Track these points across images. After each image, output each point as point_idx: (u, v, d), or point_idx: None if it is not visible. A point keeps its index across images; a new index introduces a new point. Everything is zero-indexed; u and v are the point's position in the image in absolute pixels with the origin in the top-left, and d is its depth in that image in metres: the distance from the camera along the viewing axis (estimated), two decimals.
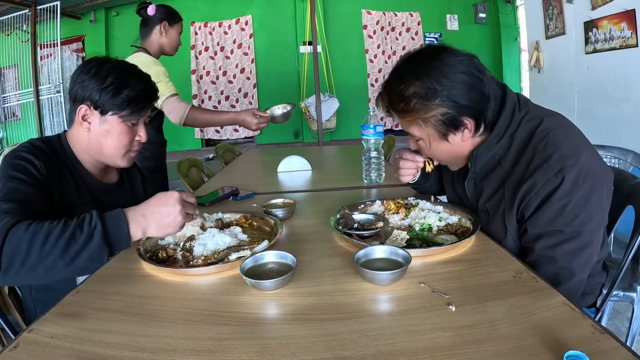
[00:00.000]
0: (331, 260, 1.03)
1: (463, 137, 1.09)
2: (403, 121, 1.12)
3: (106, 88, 1.18)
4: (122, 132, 1.25)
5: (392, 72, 1.12)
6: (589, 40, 4.29)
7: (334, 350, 0.67)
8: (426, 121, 1.06)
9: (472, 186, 1.23)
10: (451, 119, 1.04)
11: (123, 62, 1.28)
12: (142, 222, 0.96)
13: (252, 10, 7.10)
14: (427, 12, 7.34)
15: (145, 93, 1.26)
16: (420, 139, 1.15)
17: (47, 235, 0.89)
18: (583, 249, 1.01)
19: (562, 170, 0.96)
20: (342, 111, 6.66)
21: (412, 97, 1.04)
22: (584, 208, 0.97)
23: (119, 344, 0.72)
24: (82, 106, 1.21)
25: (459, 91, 1.02)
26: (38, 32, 6.04)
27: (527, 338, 0.67)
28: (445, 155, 1.18)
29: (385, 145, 2.98)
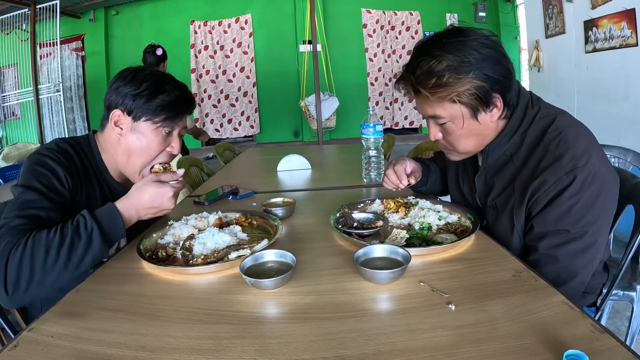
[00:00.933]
0: (331, 259, 1.03)
1: (492, 117, 1.07)
2: (433, 99, 1.05)
3: (141, 93, 1.16)
4: (154, 139, 1.21)
5: (415, 52, 1.09)
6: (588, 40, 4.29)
7: (334, 349, 0.67)
8: (460, 96, 1.02)
9: (482, 182, 1.22)
10: (484, 93, 1.02)
11: (161, 72, 1.25)
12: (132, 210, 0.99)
13: (252, 9, 7.09)
14: (427, 11, 7.34)
15: (180, 100, 1.22)
16: (448, 121, 1.09)
17: (47, 249, 0.90)
18: (586, 250, 1.01)
19: (574, 170, 0.96)
20: (342, 110, 6.66)
21: (444, 70, 1.01)
22: (590, 209, 0.97)
23: (119, 343, 0.72)
24: (115, 111, 1.18)
25: (489, 65, 1.00)
26: (37, 31, 6.04)
27: (526, 337, 0.67)
28: (472, 137, 1.11)
29: (385, 144, 2.98)
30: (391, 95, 7.51)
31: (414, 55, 1.08)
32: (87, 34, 7.07)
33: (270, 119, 7.40)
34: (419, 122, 7.62)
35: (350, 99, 6.97)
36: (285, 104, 7.20)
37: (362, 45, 7.30)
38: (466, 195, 1.33)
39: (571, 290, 1.03)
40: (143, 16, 7.08)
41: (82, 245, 0.92)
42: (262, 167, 2.70)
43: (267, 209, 1.37)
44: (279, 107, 7.29)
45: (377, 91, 7.42)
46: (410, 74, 1.07)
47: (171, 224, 1.24)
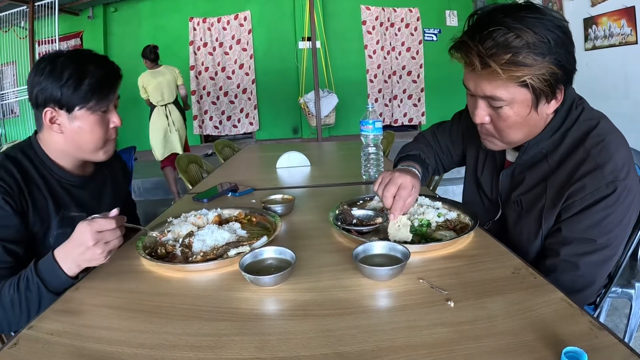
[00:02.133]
0: (330, 256, 1.03)
1: (549, 109, 0.99)
2: (502, 77, 0.92)
3: (65, 83, 1.11)
4: (95, 123, 1.18)
5: (484, 19, 0.95)
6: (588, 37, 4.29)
7: (333, 345, 0.67)
8: (533, 79, 0.91)
9: (509, 177, 1.17)
10: (555, 81, 0.93)
11: (76, 52, 1.19)
12: (71, 259, 0.94)
13: (251, 6, 7.08)
14: (426, 8, 7.33)
15: (107, 76, 1.18)
16: (506, 105, 0.97)
17: (11, 305, 0.96)
18: (606, 262, 1.01)
19: (615, 182, 0.93)
20: (341, 107, 6.65)
21: (523, 48, 0.89)
22: (619, 223, 0.96)
23: (118, 340, 0.72)
24: (46, 109, 1.14)
25: (564, 51, 0.91)
26: (36, 28, 6.02)
27: (525, 334, 0.67)
28: (524, 127, 1.02)
29: (384, 141, 2.98)
30: (390, 92, 7.50)
31: (483, 23, 0.93)
32: (86, 31, 7.05)
33: (270, 116, 7.40)
34: (418, 119, 7.62)
35: (350, 95, 6.96)
36: (285, 101, 7.20)
37: (362, 42, 7.29)
38: (483, 186, 1.28)
39: (583, 299, 1.03)
40: (142, 13, 7.06)
41: (35, 299, 0.95)
42: (261, 164, 2.70)
43: (266, 206, 1.36)
44: (278, 104, 7.28)
45: (376, 88, 7.41)
46: (478, 43, 0.92)
47: (170, 222, 1.24)
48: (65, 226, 1.21)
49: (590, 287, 1.02)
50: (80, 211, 1.26)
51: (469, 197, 1.36)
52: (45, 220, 1.18)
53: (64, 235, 1.19)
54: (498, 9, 0.95)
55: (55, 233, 1.19)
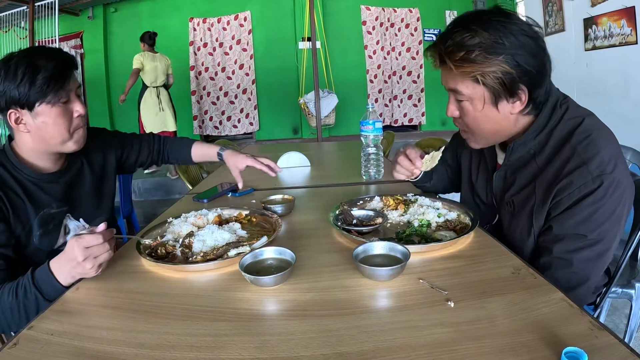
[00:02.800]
0: (330, 256, 1.03)
1: (512, 109, 1.03)
2: (456, 73, 1.02)
3: (21, 82, 1.11)
4: (58, 115, 1.18)
5: (453, 23, 1.04)
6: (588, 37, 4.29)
7: (333, 346, 0.67)
8: (485, 76, 0.98)
9: (501, 178, 1.19)
10: (510, 81, 0.98)
11: (27, 50, 1.18)
12: (64, 274, 0.95)
13: (251, 6, 7.08)
14: (426, 8, 7.33)
15: (59, 67, 1.17)
16: (466, 100, 1.06)
17: (10, 310, 0.98)
18: (600, 257, 1.00)
19: (601, 177, 0.95)
20: (341, 107, 6.65)
21: (475, 46, 0.97)
22: (609, 218, 0.97)
23: (118, 340, 0.72)
24: (10, 112, 1.15)
25: (524, 54, 0.96)
26: (36, 28, 6.02)
27: (525, 334, 0.67)
28: (488, 124, 1.08)
29: (384, 141, 2.98)
30: (390, 92, 7.50)
31: (451, 25, 1.04)
32: (86, 31, 7.06)
33: (270, 116, 7.40)
34: (418, 120, 7.63)
35: (350, 96, 6.96)
36: (285, 101, 7.20)
37: (362, 42, 7.29)
38: (478, 190, 1.30)
39: (579, 296, 1.02)
40: (142, 13, 7.06)
41: (33, 306, 0.97)
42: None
43: (266, 206, 1.36)
44: (278, 104, 7.28)
45: (376, 88, 7.41)
46: (441, 42, 1.03)
47: (170, 222, 1.24)
48: (47, 224, 1.22)
49: (585, 284, 1.02)
50: (60, 205, 1.27)
51: (466, 203, 1.37)
52: (25, 223, 1.19)
53: (47, 234, 1.20)
54: (470, 13, 1.04)
55: (38, 233, 1.20)
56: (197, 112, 7.18)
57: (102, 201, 1.45)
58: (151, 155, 1.69)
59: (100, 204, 1.44)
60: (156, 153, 1.71)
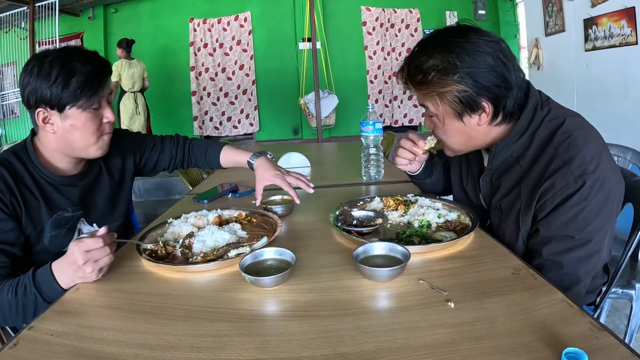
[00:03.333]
0: (330, 256, 1.03)
1: (479, 121, 1.06)
2: (419, 94, 1.10)
3: (54, 83, 1.09)
4: (87, 120, 1.16)
5: (416, 45, 1.09)
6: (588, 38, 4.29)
7: (333, 346, 0.67)
8: (442, 96, 1.03)
9: (488, 183, 1.20)
10: (468, 98, 1.02)
11: (63, 50, 1.16)
12: (65, 278, 0.95)
13: (251, 6, 7.08)
14: (427, 9, 7.33)
15: (95, 72, 1.15)
16: (434, 116, 1.12)
17: (9, 307, 0.98)
18: (590, 257, 1.00)
19: (583, 176, 0.95)
20: (341, 108, 6.65)
21: (430, 69, 1.02)
22: (596, 216, 0.97)
23: (118, 341, 0.72)
24: (38, 110, 1.13)
25: (481, 71, 0.99)
26: (36, 29, 6.02)
27: (525, 335, 0.67)
28: (457, 136, 1.12)
29: (385, 142, 2.98)
30: (390, 93, 7.50)
31: (413, 48, 1.09)
32: (86, 32, 7.05)
33: (270, 117, 7.40)
34: (418, 120, 7.62)
35: (350, 96, 6.96)
36: (285, 102, 7.20)
37: (362, 42, 7.29)
38: (470, 195, 1.31)
39: (573, 296, 1.02)
40: (142, 14, 7.07)
41: (31, 306, 0.97)
42: None
43: (267, 207, 1.36)
44: (279, 104, 7.28)
45: (376, 89, 7.41)
46: (405, 65, 1.09)
47: (170, 222, 1.24)
48: (60, 227, 1.22)
49: (577, 285, 1.02)
50: (75, 210, 1.26)
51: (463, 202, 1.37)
52: (37, 223, 1.18)
53: (59, 237, 1.20)
54: (430, 35, 1.09)
55: (50, 235, 1.20)
56: (197, 113, 7.18)
57: (117, 206, 1.43)
58: (174, 160, 1.62)
59: (115, 208, 1.42)
60: (179, 157, 1.63)
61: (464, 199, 1.35)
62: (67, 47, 1.19)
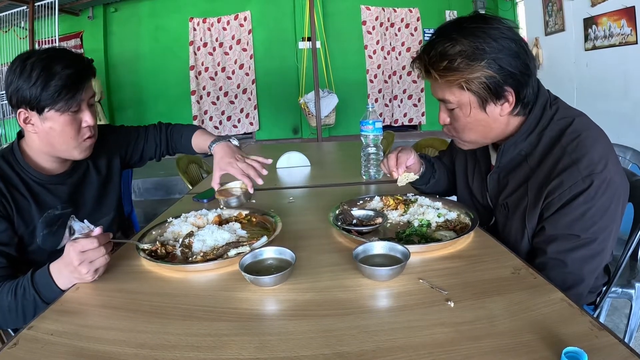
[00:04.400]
0: (330, 256, 1.03)
1: (502, 111, 1.05)
2: (442, 82, 1.04)
3: (34, 85, 1.09)
4: (65, 124, 1.16)
5: (434, 33, 1.06)
6: (588, 37, 4.29)
7: (333, 346, 0.67)
8: (469, 82, 1.00)
9: (495, 180, 1.20)
10: (495, 84, 1.00)
11: (48, 50, 1.15)
12: (62, 279, 0.95)
13: (251, 6, 7.08)
14: (426, 8, 7.33)
15: (75, 76, 1.14)
16: (456, 107, 1.08)
17: (8, 309, 0.99)
18: (594, 257, 1.00)
19: (591, 176, 0.95)
20: (341, 107, 6.66)
21: (457, 55, 0.99)
22: (602, 217, 0.97)
23: (118, 340, 0.72)
24: (20, 110, 1.14)
25: (506, 57, 0.98)
26: (36, 28, 6.02)
27: (525, 334, 0.67)
28: (477, 127, 1.10)
29: (384, 141, 2.98)
30: (390, 92, 7.50)
31: (433, 36, 1.06)
32: (86, 31, 7.05)
33: (270, 116, 7.40)
34: (418, 120, 7.63)
35: (350, 96, 6.96)
36: (285, 101, 7.20)
37: (362, 42, 7.29)
38: (475, 192, 1.31)
39: (576, 296, 1.02)
40: (142, 13, 7.06)
41: (31, 307, 0.97)
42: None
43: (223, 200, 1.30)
44: (278, 104, 7.28)
45: (376, 88, 7.41)
46: (425, 54, 1.05)
47: (170, 222, 1.24)
48: (51, 225, 1.23)
49: (580, 284, 1.02)
50: (65, 207, 1.27)
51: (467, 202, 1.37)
52: (29, 223, 1.19)
53: (51, 235, 1.21)
54: (450, 22, 1.05)
55: (42, 234, 1.20)
56: (197, 112, 7.18)
57: (107, 201, 1.43)
58: (159, 147, 1.61)
59: (105, 203, 1.42)
60: (164, 144, 1.61)
61: (469, 198, 1.35)
62: (53, 48, 1.18)
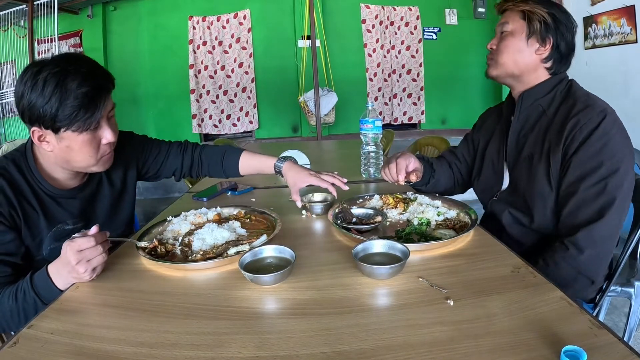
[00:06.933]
0: (330, 254, 1.03)
1: (537, 51, 1.24)
2: (513, 11, 1.28)
3: (48, 103, 1.00)
4: (84, 143, 1.08)
5: None
6: (588, 36, 4.28)
7: (333, 344, 0.68)
8: (532, 14, 1.23)
9: (515, 139, 1.32)
10: (546, 26, 1.22)
11: (60, 63, 1.04)
12: (61, 279, 0.95)
13: (251, 4, 7.06)
14: (426, 7, 7.31)
15: (92, 93, 1.04)
16: (509, 33, 1.27)
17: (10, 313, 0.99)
18: (622, 184, 1.08)
19: (603, 112, 1.11)
20: (341, 106, 6.64)
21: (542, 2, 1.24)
22: (619, 149, 1.09)
23: (118, 339, 0.72)
24: (33, 129, 1.06)
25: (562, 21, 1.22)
26: (35, 27, 6.00)
27: (525, 333, 0.67)
28: (514, 52, 1.26)
29: (384, 139, 2.98)
30: (390, 91, 7.49)
31: None
32: (85, 30, 7.03)
33: (269, 115, 7.39)
34: (418, 118, 7.61)
35: (349, 94, 6.94)
36: (284, 100, 7.18)
37: (361, 40, 7.27)
38: (492, 157, 1.42)
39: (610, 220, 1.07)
40: (141, 12, 7.04)
41: (32, 308, 0.97)
42: None
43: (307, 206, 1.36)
44: (278, 102, 7.26)
45: (376, 87, 7.39)
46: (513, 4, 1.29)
47: (170, 220, 1.24)
48: (60, 240, 1.15)
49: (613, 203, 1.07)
50: (75, 222, 1.23)
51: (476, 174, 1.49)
52: (36, 235, 1.15)
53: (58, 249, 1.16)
54: None
55: (50, 248, 1.17)
56: (196, 111, 7.16)
57: (119, 214, 1.39)
58: (180, 168, 1.51)
59: (117, 217, 1.38)
60: (187, 164, 1.52)
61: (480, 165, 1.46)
62: (65, 58, 1.07)
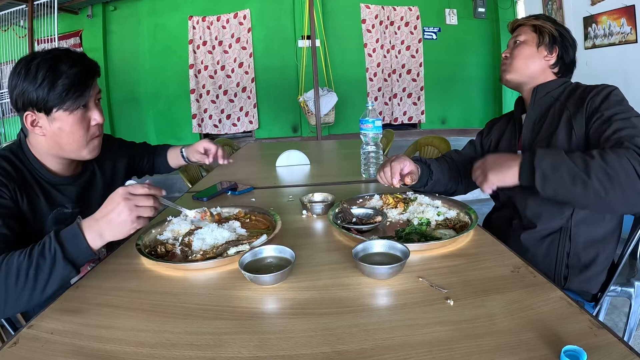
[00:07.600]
0: (330, 254, 1.03)
1: (545, 57, 1.39)
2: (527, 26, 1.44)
3: (40, 86, 1.09)
4: (75, 123, 1.16)
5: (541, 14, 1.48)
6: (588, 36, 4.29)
7: (333, 344, 0.68)
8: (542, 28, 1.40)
9: (529, 126, 1.39)
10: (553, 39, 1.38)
11: (52, 51, 1.15)
12: (96, 228, 0.91)
13: (251, 4, 7.06)
14: (426, 6, 7.32)
15: (82, 74, 1.15)
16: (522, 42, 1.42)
17: (17, 272, 0.88)
18: None
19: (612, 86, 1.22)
20: (341, 105, 6.65)
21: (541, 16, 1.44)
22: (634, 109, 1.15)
23: (118, 339, 0.72)
24: (26, 113, 1.13)
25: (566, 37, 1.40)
26: (35, 27, 6.00)
27: (525, 333, 0.68)
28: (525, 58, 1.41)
29: (384, 139, 2.98)
30: (390, 91, 7.50)
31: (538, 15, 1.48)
32: (85, 30, 7.03)
33: (269, 115, 7.39)
34: (418, 118, 7.62)
35: (349, 94, 6.95)
36: (284, 100, 7.19)
37: (361, 40, 7.28)
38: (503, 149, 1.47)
39: None
40: (141, 12, 7.04)
41: (47, 267, 0.88)
42: (260, 162, 2.70)
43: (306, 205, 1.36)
44: (278, 102, 7.27)
45: (375, 86, 7.40)
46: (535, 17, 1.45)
47: (170, 220, 1.24)
48: (61, 223, 1.22)
49: None
50: (74, 207, 1.28)
51: None
52: (38, 217, 1.19)
53: None
54: None
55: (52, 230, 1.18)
56: (196, 111, 7.17)
57: None
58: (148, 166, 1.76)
59: None
60: (150, 163, 1.76)
61: None
62: (56, 49, 1.17)
